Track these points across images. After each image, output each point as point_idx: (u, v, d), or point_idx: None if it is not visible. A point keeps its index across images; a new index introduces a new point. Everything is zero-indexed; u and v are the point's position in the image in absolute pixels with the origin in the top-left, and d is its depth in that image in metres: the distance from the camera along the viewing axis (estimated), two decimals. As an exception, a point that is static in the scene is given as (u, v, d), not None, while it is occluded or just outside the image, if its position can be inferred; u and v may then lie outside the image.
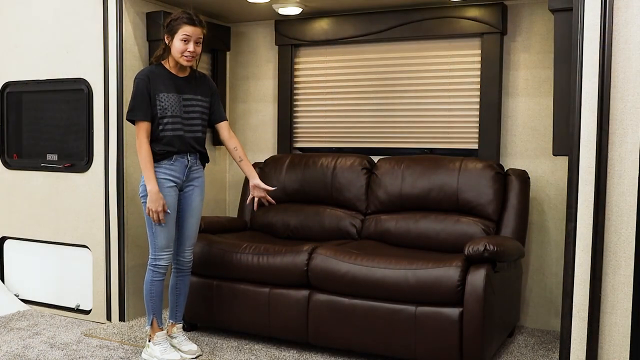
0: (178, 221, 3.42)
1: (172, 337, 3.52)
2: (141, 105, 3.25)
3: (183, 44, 3.25)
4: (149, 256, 3.39)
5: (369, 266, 3.31)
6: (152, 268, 3.38)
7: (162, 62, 3.35)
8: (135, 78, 3.31)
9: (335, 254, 3.43)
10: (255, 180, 3.54)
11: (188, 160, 3.37)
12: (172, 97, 3.29)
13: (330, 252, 3.45)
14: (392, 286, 3.24)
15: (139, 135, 3.25)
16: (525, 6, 3.98)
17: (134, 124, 3.30)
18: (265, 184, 3.62)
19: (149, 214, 3.26)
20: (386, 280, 3.26)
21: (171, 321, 3.57)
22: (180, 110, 3.30)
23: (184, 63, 3.29)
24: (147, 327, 3.44)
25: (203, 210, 4.61)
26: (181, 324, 3.61)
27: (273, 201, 3.63)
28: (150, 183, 3.23)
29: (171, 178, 3.32)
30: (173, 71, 3.34)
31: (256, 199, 3.58)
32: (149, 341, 3.42)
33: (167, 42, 3.31)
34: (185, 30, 3.25)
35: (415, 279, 3.19)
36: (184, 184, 3.39)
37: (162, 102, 3.26)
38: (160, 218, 3.24)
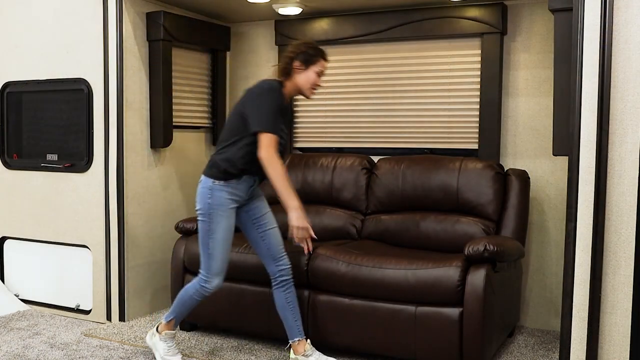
0: (257, 238, 3.29)
1: (307, 356, 3.25)
2: (275, 118, 3.05)
3: (317, 78, 3.19)
4: (201, 274, 3.21)
5: (369, 266, 3.31)
6: (201, 286, 3.21)
7: (280, 81, 3.19)
8: (271, 89, 3.10)
9: (335, 254, 3.43)
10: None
11: (254, 181, 3.22)
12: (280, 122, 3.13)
13: (330, 252, 3.45)
14: (392, 286, 3.24)
15: (269, 149, 3.00)
16: (525, 6, 3.98)
17: (254, 135, 3.04)
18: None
19: (295, 234, 3.10)
20: (386, 280, 3.25)
21: (298, 339, 3.27)
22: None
23: (309, 95, 3.22)
24: (163, 321, 3.35)
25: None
26: (308, 339, 3.33)
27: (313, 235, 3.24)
28: (295, 200, 3.06)
29: (236, 198, 3.16)
30: (285, 95, 3.19)
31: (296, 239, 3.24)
32: (157, 331, 3.35)
33: (296, 67, 3.17)
34: (323, 65, 3.21)
35: (415, 279, 3.19)
36: (244, 202, 3.24)
37: None
38: (309, 236, 3.14)
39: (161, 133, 4.14)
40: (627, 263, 2.64)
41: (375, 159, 4.21)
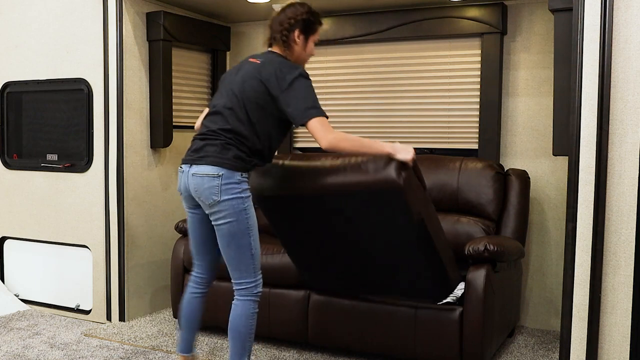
0: (213, 239, 2.85)
1: None
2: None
3: (314, 48, 2.87)
4: (245, 284, 2.79)
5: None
6: (254, 298, 2.81)
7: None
8: (303, 73, 2.69)
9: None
10: None
11: None
12: None
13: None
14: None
15: (330, 129, 2.61)
16: (525, 6, 3.98)
17: (303, 125, 2.64)
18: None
19: (409, 161, 2.61)
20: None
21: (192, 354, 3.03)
22: None
23: (304, 66, 2.85)
24: None
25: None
26: None
27: None
28: (386, 146, 2.62)
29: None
30: None
31: None
32: None
33: (296, 38, 2.79)
34: (319, 33, 2.87)
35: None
36: None
37: None
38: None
39: (161, 133, 4.14)
40: (627, 263, 2.64)
41: (375, 159, 4.21)
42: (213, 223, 2.72)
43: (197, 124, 2.96)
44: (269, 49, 2.85)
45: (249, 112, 2.69)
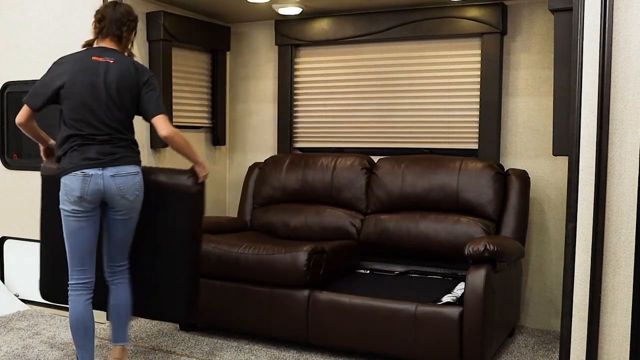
0: (106, 235, 3.05)
1: None
2: None
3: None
4: (127, 264, 3.06)
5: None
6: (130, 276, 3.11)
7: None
8: (153, 75, 3.07)
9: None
10: None
11: None
12: None
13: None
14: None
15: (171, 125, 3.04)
16: (525, 6, 3.98)
17: (160, 116, 3.01)
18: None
19: (205, 177, 3.12)
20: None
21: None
22: None
23: None
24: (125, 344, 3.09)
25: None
26: None
27: None
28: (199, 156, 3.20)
29: None
30: None
31: None
32: None
33: (132, 38, 3.09)
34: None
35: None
36: None
37: None
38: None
39: (161, 133, 4.14)
40: (627, 263, 2.63)
41: (375, 159, 4.21)
42: (124, 217, 2.95)
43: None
44: (103, 44, 3.02)
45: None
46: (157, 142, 4.16)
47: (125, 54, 3.03)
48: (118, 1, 3.07)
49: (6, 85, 4.40)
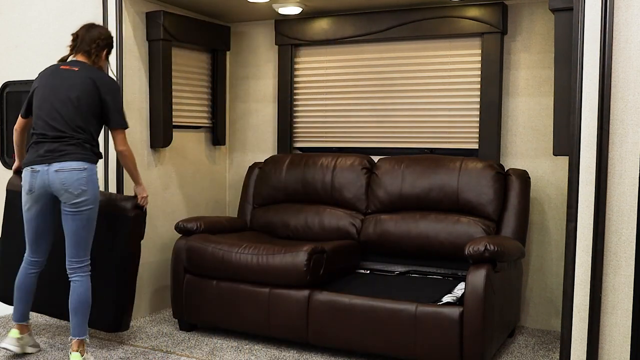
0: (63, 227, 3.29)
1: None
2: None
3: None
4: (88, 260, 3.25)
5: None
6: (90, 273, 3.27)
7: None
8: (116, 85, 3.42)
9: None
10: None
11: None
12: None
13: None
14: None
15: (126, 143, 3.38)
16: (525, 6, 3.98)
17: (119, 130, 3.34)
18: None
19: (143, 203, 3.48)
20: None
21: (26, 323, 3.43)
22: None
23: None
24: (82, 338, 3.23)
25: (203, 210, 4.64)
26: None
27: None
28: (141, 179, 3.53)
29: None
30: None
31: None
32: (86, 354, 3.27)
33: (104, 58, 3.38)
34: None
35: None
36: None
37: None
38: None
39: (161, 133, 4.14)
40: (627, 263, 2.63)
41: (375, 159, 4.21)
42: (73, 210, 3.16)
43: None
44: (74, 58, 3.33)
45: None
46: (157, 142, 4.16)
47: (95, 67, 3.33)
48: (94, 24, 3.42)
49: (6, 85, 4.40)
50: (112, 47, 3.42)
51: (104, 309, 3.43)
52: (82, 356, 3.20)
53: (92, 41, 3.30)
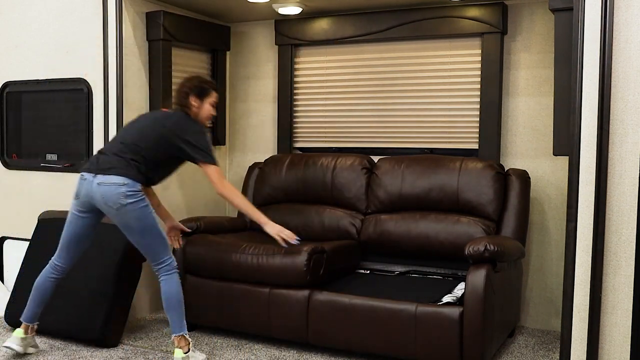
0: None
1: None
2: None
3: (212, 109, 3.42)
4: (166, 260, 3.24)
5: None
6: (176, 270, 3.29)
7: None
8: (202, 128, 3.37)
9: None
10: (173, 222, 3.66)
11: None
12: None
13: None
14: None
15: (223, 178, 3.34)
16: (525, 6, 3.98)
17: (199, 164, 3.30)
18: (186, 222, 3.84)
19: (284, 238, 3.41)
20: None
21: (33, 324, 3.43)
22: None
23: (207, 125, 3.50)
24: (180, 335, 3.24)
25: (203, 210, 4.63)
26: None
27: (186, 229, 3.76)
28: (265, 218, 3.46)
29: None
30: None
31: (174, 237, 3.67)
32: (189, 351, 3.25)
33: (192, 102, 3.35)
34: (214, 96, 3.43)
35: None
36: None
37: None
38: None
39: (161, 133, 4.14)
40: (627, 263, 2.63)
41: (375, 159, 4.21)
42: (120, 223, 3.23)
43: None
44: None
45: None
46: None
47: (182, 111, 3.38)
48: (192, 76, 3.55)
49: (6, 85, 4.40)
50: (200, 90, 3.37)
51: (89, 320, 3.55)
52: (185, 352, 3.21)
53: (185, 93, 3.37)
